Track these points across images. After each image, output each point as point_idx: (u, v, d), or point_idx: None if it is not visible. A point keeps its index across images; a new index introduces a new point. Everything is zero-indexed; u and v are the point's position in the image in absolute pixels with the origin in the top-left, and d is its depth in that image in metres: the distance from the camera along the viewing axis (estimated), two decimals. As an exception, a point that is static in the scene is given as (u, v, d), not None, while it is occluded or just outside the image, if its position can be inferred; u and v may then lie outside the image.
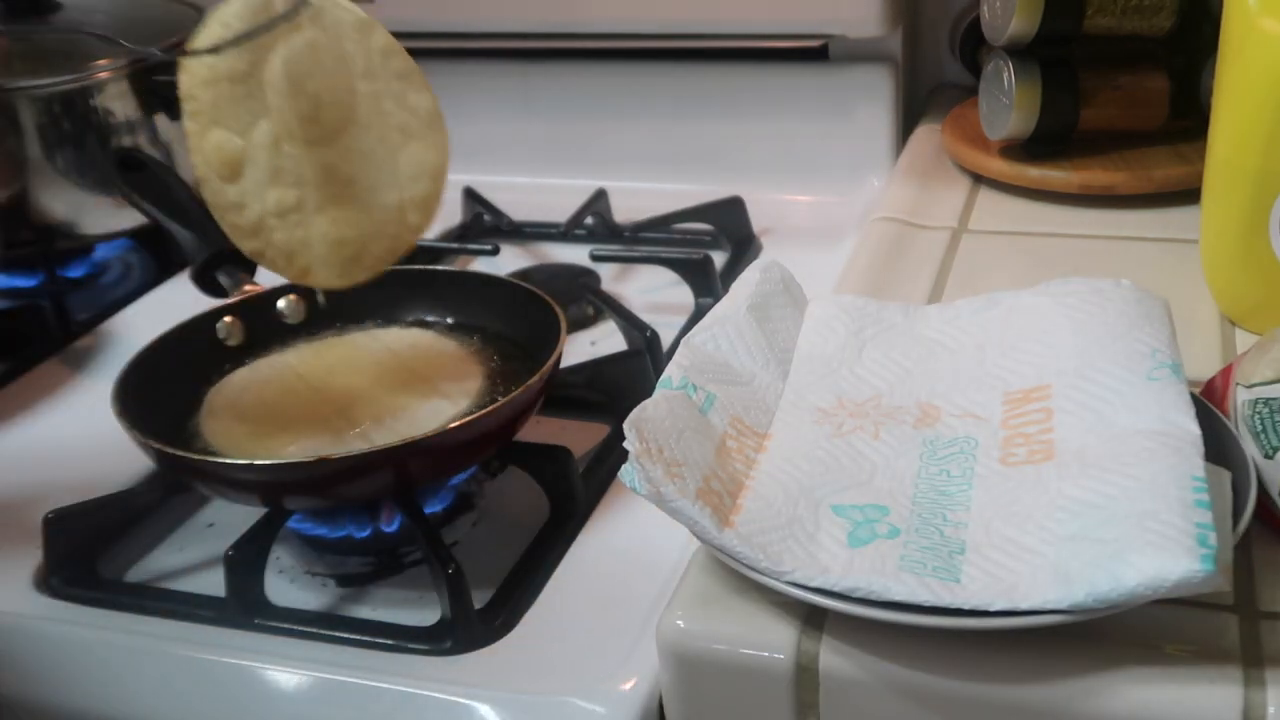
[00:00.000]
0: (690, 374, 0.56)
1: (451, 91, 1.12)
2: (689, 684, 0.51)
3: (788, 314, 0.62)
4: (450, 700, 0.57)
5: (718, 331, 0.60)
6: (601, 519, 0.69)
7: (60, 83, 0.97)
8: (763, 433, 0.56)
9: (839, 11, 0.97)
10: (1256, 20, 0.62)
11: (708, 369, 0.58)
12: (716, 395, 0.56)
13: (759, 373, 0.59)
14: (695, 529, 0.49)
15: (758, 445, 0.55)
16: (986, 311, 0.61)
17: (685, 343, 0.59)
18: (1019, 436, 0.53)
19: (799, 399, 0.58)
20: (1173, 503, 0.45)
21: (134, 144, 1.01)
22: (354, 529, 0.68)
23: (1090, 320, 0.56)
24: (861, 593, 0.46)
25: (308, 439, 0.69)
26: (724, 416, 0.55)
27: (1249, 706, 0.44)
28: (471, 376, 0.74)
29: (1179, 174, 0.84)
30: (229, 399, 0.75)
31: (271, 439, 0.70)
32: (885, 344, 0.60)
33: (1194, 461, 0.47)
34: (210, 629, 0.63)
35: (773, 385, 0.59)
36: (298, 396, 0.74)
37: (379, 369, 0.75)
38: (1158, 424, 0.50)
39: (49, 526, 0.68)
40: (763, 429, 0.57)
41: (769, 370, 0.59)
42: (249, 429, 0.71)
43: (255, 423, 0.72)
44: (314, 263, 0.65)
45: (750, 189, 1.01)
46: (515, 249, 1.01)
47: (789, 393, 0.59)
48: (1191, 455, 0.47)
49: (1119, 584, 0.43)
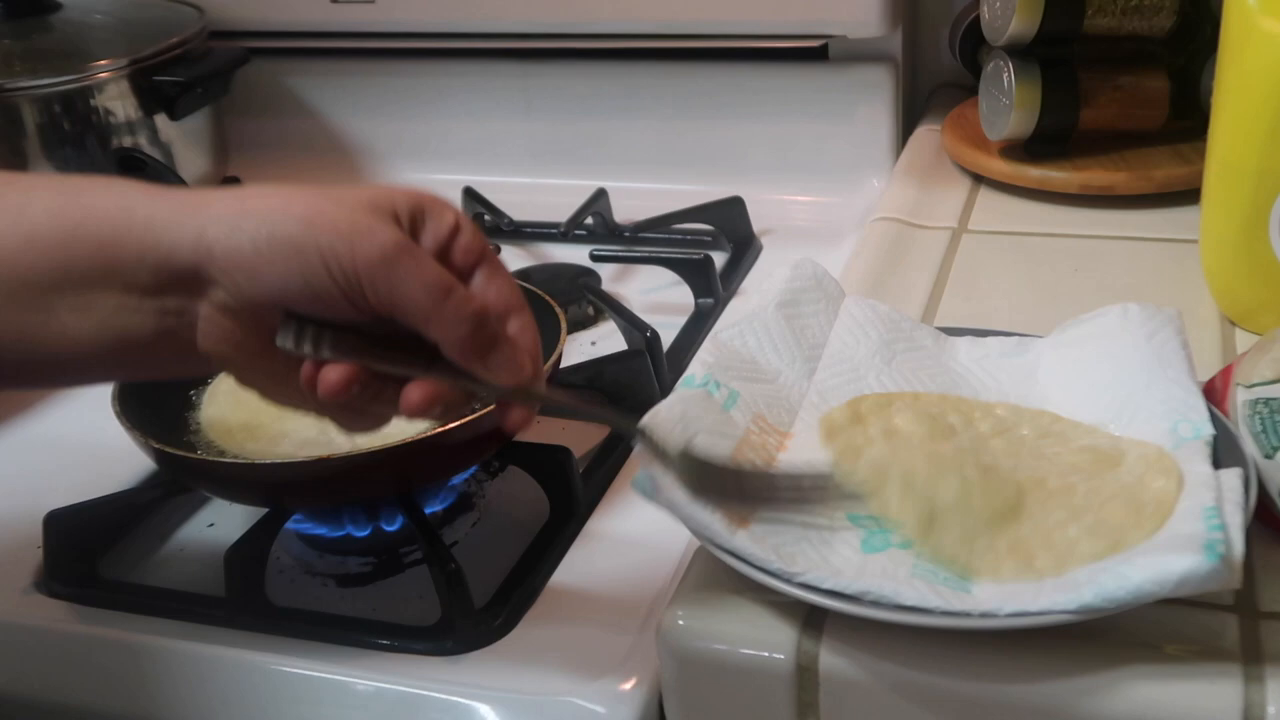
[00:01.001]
0: (714, 371, 0.56)
1: (451, 91, 1.13)
2: (689, 684, 0.51)
3: (820, 309, 0.62)
4: (450, 700, 0.57)
5: (745, 328, 0.60)
6: (601, 519, 0.69)
7: (60, 83, 0.97)
8: (785, 431, 0.56)
9: (839, 11, 0.97)
10: (1256, 20, 0.62)
11: (733, 365, 0.57)
12: (740, 393, 0.56)
13: (784, 370, 0.59)
14: (707, 533, 0.49)
15: (779, 443, 0.55)
16: (1015, 358, 0.60)
17: (712, 337, 0.59)
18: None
19: (822, 401, 0.58)
20: (1185, 530, 0.46)
21: (134, 144, 1.01)
22: (354, 529, 0.68)
23: (1108, 383, 0.56)
24: (872, 596, 0.46)
25: (299, 436, 0.69)
26: (747, 413, 0.55)
27: (1249, 706, 0.44)
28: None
29: (1179, 174, 0.84)
30: (227, 397, 0.74)
31: (266, 437, 0.70)
32: (914, 362, 0.60)
33: (1207, 496, 0.48)
34: (210, 629, 0.63)
35: (798, 384, 0.59)
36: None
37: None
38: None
39: (49, 526, 0.68)
40: (785, 427, 0.57)
41: (795, 368, 0.59)
42: (245, 427, 0.71)
43: (250, 421, 0.72)
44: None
45: (750, 189, 1.01)
46: (515, 249, 1.01)
47: (813, 394, 0.58)
48: (1205, 491, 0.48)
49: (1125, 582, 0.43)
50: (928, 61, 1.09)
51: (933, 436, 0.54)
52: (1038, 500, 0.51)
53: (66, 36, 1.03)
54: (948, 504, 0.49)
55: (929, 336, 0.61)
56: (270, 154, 1.18)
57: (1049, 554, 0.48)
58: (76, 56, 0.99)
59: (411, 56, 1.12)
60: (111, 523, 0.70)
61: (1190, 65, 0.88)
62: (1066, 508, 0.50)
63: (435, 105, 1.13)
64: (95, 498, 0.70)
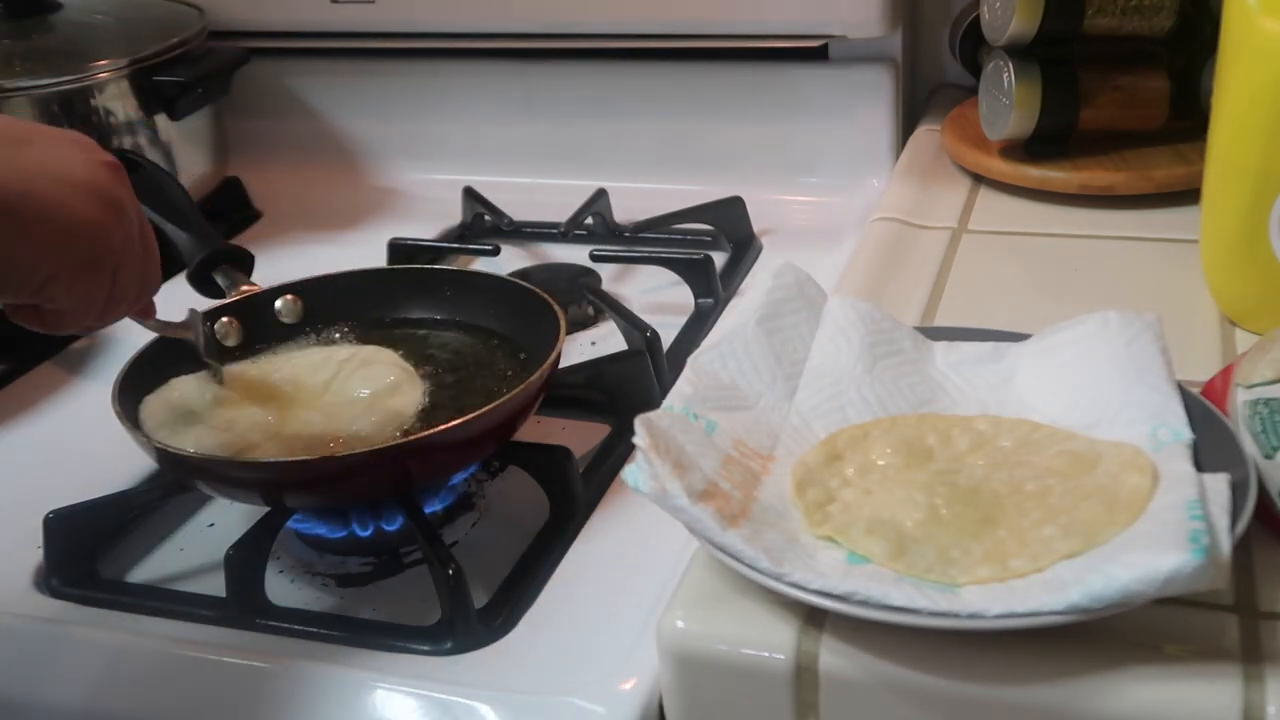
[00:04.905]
0: (692, 404, 0.56)
1: (451, 91, 1.13)
2: (689, 684, 0.51)
3: (801, 319, 0.62)
4: (450, 700, 0.57)
5: (725, 349, 0.60)
6: (601, 519, 0.69)
7: (60, 83, 0.97)
8: (766, 455, 0.56)
9: (839, 11, 0.97)
10: (1256, 20, 0.62)
11: (711, 395, 0.57)
12: (718, 423, 0.56)
13: (765, 392, 0.59)
14: (698, 527, 0.49)
15: (762, 467, 0.55)
16: (991, 364, 0.60)
17: (691, 363, 0.59)
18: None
19: (804, 425, 0.58)
20: (1166, 520, 0.46)
21: (134, 144, 1.01)
22: (354, 529, 0.68)
23: (1085, 389, 0.56)
24: (860, 596, 0.46)
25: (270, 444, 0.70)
26: (727, 439, 0.55)
27: (1249, 706, 0.44)
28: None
29: (1179, 174, 0.84)
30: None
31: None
32: (894, 369, 0.60)
33: (1189, 490, 0.48)
34: (210, 629, 0.63)
35: (778, 406, 0.59)
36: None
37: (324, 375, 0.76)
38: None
39: (49, 526, 0.68)
40: (766, 451, 0.56)
41: (775, 389, 0.59)
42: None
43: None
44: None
45: (750, 189, 1.01)
46: (515, 249, 1.01)
47: (794, 416, 0.58)
48: (1187, 487, 0.48)
49: (1112, 582, 0.44)
50: (928, 61, 1.09)
51: (908, 465, 0.54)
52: (1014, 504, 0.51)
53: (66, 36, 1.03)
54: (915, 531, 0.50)
55: (908, 338, 0.61)
56: (270, 154, 1.18)
57: (1025, 553, 0.48)
58: (77, 56, 0.99)
59: (411, 56, 1.12)
60: (111, 523, 0.70)
61: (1190, 65, 0.88)
62: (1042, 508, 0.51)
63: (435, 105, 1.13)
64: (95, 498, 0.70)
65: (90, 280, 0.55)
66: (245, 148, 1.18)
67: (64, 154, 0.54)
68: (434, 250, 0.99)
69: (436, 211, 1.07)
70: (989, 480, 0.53)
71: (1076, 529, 0.49)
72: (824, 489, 0.54)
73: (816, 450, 0.56)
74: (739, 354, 0.59)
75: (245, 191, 1.14)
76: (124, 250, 0.56)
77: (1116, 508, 0.49)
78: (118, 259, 0.56)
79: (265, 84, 1.16)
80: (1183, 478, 0.49)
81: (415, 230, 1.01)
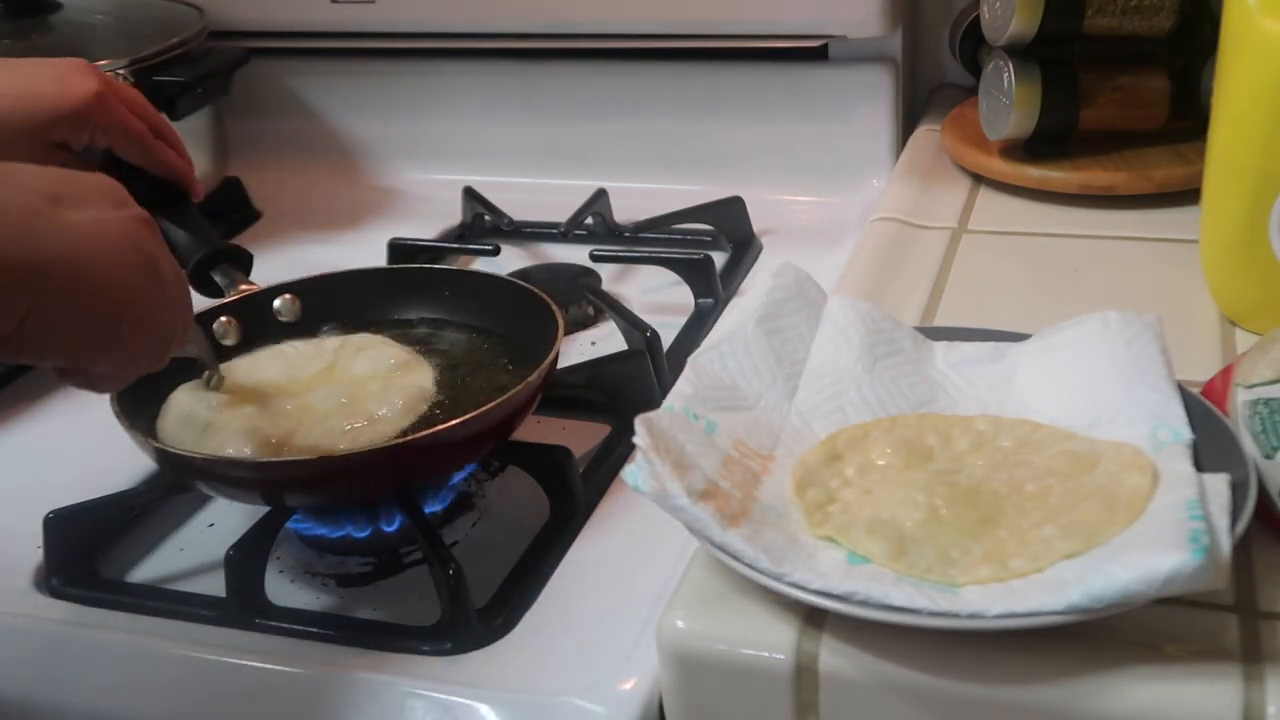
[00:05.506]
0: (692, 404, 0.56)
1: (451, 91, 1.13)
2: (689, 684, 0.51)
3: (801, 319, 0.62)
4: (450, 700, 0.57)
5: (725, 349, 0.59)
6: (601, 519, 0.69)
7: (60, 83, 0.97)
8: (767, 455, 0.56)
9: (839, 11, 0.97)
10: (1256, 20, 0.62)
11: (711, 395, 0.57)
12: (718, 423, 0.56)
13: (765, 392, 0.59)
14: (698, 527, 0.49)
15: (762, 467, 0.55)
16: (991, 364, 0.60)
17: (691, 363, 0.59)
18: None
19: (804, 425, 0.58)
20: (1166, 520, 0.46)
21: (134, 144, 1.01)
22: (354, 529, 0.68)
23: (1085, 389, 0.56)
24: (860, 596, 0.46)
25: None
26: (727, 439, 0.55)
27: (1249, 706, 0.44)
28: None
29: (1179, 174, 0.84)
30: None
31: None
32: (894, 368, 0.60)
33: (1189, 490, 0.48)
34: (210, 629, 0.63)
35: (779, 406, 0.59)
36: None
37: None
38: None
39: (49, 526, 0.68)
40: (766, 451, 0.56)
41: (775, 389, 0.59)
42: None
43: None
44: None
45: (750, 189, 1.01)
46: (515, 249, 1.01)
47: (794, 416, 0.58)
48: (1186, 487, 0.48)
49: (1112, 582, 0.44)
50: (928, 61, 1.09)
51: (908, 465, 0.54)
52: (1014, 505, 0.51)
53: (66, 36, 1.03)
54: (915, 531, 0.50)
55: (908, 338, 0.61)
56: (270, 154, 1.18)
57: (1025, 553, 0.48)
58: (77, 56, 0.99)
59: (411, 56, 1.12)
60: (111, 523, 0.70)
61: (1190, 65, 0.88)
62: (1043, 509, 0.51)
63: (435, 105, 1.13)
64: (95, 498, 0.70)
65: (134, 343, 0.55)
66: (245, 148, 1.18)
67: (99, 215, 0.53)
68: (434, 250, 0.99)
69: (436, 211, 1.07)
70: (989, 480, 0.53)
71: (1076, 529, 0.49)
72: (824, 489, 0.54)
73: (816, 450, 0.56)
74: (739, 354, 0.59)
75: (245, 191, 1.14)
76: (160, 308, 0.56)
77: (1116, 508, 0.49)
78: (155, 320, 0.56)
79: (265, 84, 1.16)
80: (1183, 478, 0.49)
81: (415, 230, 1.01)
